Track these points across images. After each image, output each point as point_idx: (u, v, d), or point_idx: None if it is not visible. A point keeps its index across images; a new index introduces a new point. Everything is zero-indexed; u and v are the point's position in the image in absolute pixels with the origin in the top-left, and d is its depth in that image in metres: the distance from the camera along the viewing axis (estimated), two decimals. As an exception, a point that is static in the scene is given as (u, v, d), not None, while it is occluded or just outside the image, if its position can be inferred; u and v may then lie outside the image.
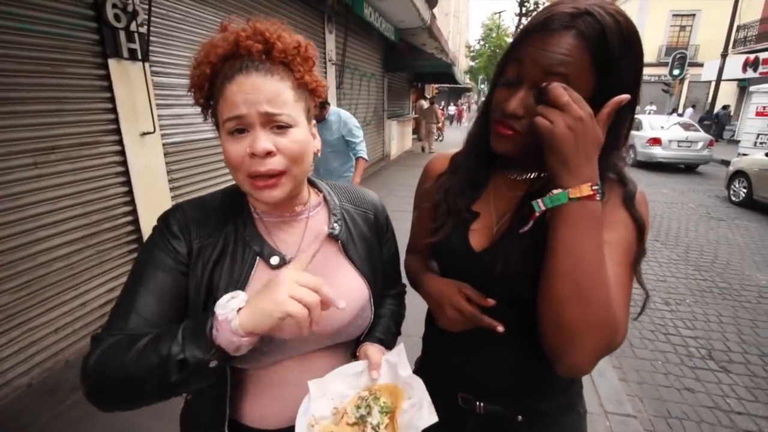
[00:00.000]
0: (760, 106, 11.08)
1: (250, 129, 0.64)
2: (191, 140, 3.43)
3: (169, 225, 0.71)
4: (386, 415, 0.68)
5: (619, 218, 0.68)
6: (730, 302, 3.59)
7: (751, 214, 6.46)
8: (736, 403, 2.37)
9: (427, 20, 8.53)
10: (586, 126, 0.58)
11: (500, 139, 0.70)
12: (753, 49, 15.92)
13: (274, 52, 0.66)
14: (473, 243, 0.78)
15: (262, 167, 0.64)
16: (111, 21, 2.52)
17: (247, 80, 0.63)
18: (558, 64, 0.61)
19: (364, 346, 0.80)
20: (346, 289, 0.77)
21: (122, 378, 0.57)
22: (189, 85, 0.70)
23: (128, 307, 0.64)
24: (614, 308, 0.60)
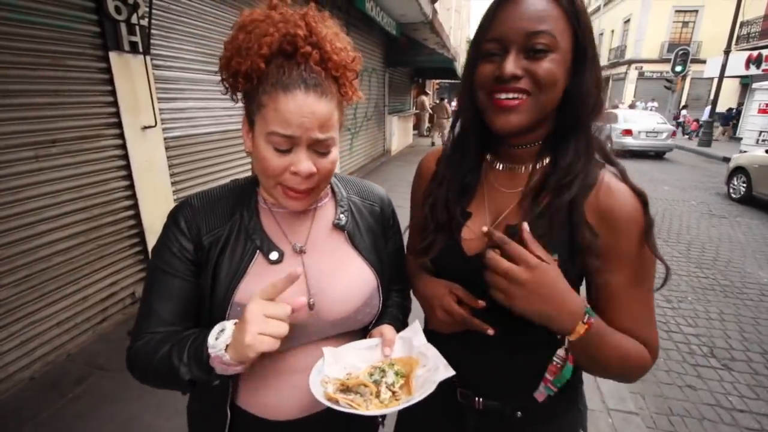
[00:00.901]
0: (763, 103, 11.05)
1: (293, 147, 0.65)
2: (193, 134, 3.41)
3: (178, 222, 0.73)
4: (401, 377, 0.68)
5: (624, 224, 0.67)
6: (731, 300, 3.59)
7: (753, 211, 6.46)
8: (738, 401, 2.37)
9: (428, 15, 8.48)
10: (540, 278, 0.61)
11: (506, 113, 0.67)
12: (756, 46, 15.84)
13: (330, 65, 0.66)
14: (466, 247, 0.77)
15: (301, 186, 0.68)
16: (112, 13, 2.50)
17: (306, 99, 0.63)
18: (539, 21, 0.64)
19: (377, 328, 0.80)
20: (353, 278, 0.79)
21: (151, 379, 0.70)
22: (229, 69, 0.66)
23: (148, 311, 0.72)
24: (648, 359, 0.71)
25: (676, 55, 14.82)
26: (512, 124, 0.68)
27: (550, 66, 0.65)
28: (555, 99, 0.68)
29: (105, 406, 2.11)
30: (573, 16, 0.65)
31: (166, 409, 2.06)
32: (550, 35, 0.64)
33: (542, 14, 0.64)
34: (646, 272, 0.70)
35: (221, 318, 0.69)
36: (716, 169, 10.41)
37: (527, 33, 0.64)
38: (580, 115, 0.69)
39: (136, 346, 0.71)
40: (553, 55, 0.65)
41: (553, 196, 0.70)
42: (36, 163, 2.25)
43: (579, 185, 0.69)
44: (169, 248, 0.72)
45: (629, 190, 0.69)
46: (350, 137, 7.86)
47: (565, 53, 0.66)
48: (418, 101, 15.62)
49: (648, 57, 24.53)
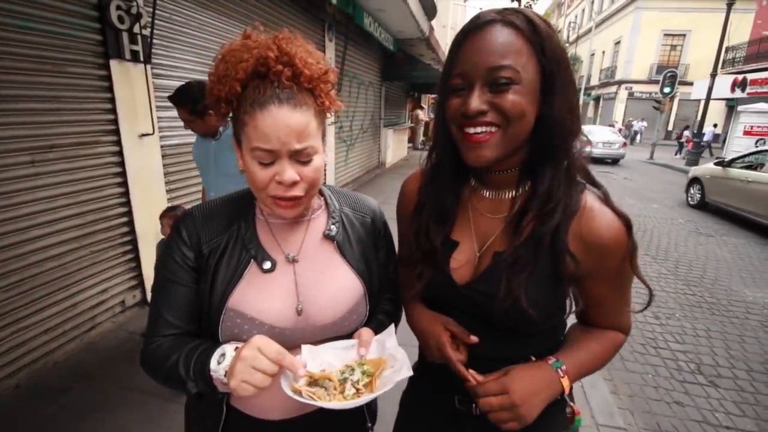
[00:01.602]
0: (748, 125, 11.36)
1: (276, 160, 0.70)
2: (190, 143, 3.40)
3: (180, 232, 0.79)
4: (367, 376, 0.72)
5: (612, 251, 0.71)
6: (718, 317, 3.65)
7: (739, 230, 6.59)
8: (724, 418, 2.40)
9: (425, 31, 8.64)
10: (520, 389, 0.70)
11: (477, 148, 0.69)
12: (741, 70, 16.35)
13: (302, 79, 0.71)
14: (456, 277, 0.79)
15: (286, 194, 0.71)
16: (114, 22, 2.54)
17: (279, 113, 0.67)
18: (500, 56, 0.63)
19: (357, 331, 0.84)
20: (340, 286, 0.83)
21: (161, 382, 0.76)
22: (212, 96, 0.73)
23: (157, 316, 0.78)
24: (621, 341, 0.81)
25: (665, 77, 15.21)
26: (484, 158, 0.69)
27: (514, 98, 0.64)
28: (525, 129, 0.68)
29: (91, 416, 2.08)
30: (537, 45, 0.65)
31: (154, 421, 2.03)
32: (511, 69, 0.63)
33: (503, 48, 0.64)
34: (629, 278, 0.76)
35: (217, 321, 0.75)
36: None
37: (488, 68, 0.64)
38: (554, 141, 0.69)
39: (148, 349, 0.76)
40: (516, 87, 0.64)
41: (537, 224, 0.71)
42: (32, 168, 2.25)
43: (561, 212, 0.70)
44: (173, 257, 0.78)
45: (613, 214, 0.71)
46: (346, 149, 7.91)
47: (531, 83, 0.65)
48: (414, 115, 15.81)
49: (637, 78, 25.16)
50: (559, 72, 0.66)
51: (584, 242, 0.71)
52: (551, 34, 0.66)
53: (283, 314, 0.77)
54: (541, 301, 0.71)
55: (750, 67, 15.94)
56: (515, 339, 0.79)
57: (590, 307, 0.79)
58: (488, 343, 0.78)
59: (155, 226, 3.06)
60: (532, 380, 0.72)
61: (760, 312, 3.77)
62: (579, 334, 0.83)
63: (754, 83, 14.68)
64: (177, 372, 0.71)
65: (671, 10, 23.45)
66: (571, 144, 0.71)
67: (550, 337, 0.84)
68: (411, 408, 1.01)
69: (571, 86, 0.69)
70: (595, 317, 0.82)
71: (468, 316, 0.79)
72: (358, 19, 6.37)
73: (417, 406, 0.76)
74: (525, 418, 0.69)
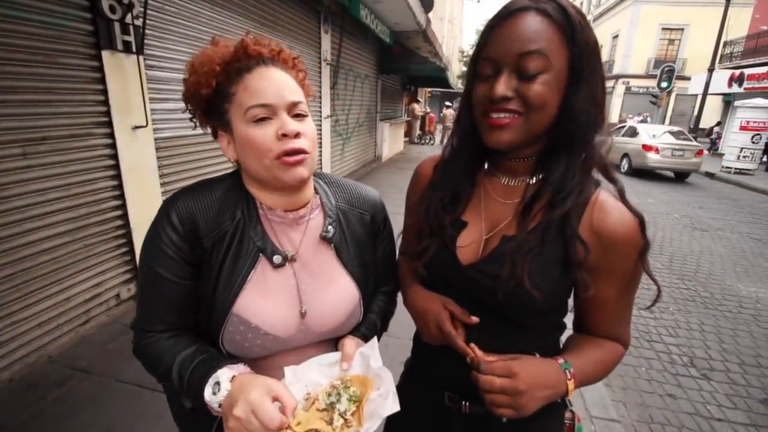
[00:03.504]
0: (744, 120, 11.39)
1: (273, 116, 0.70)
2: (184, 135, 3.39)
3: (170, 218, 0.71)
4: (354, 403, 0.71)
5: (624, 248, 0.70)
6: (711, 311, 3.68)
7: (734, 225, 6.63)
8: (716, 410, 2.43)
9: (422, 24, 8.58)
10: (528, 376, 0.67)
11: (497, 130, 0.69)
12: (738, 65, 16.37)
13: (282, 56, 0.75)
14: (461, 256, 0.78)
15: (294, 144, 0.70)
16: (106, 12, 2.49)
17: (268, 71, 0.70)
18: (531, 42, 0.64)
19: (343, 339, 0.83)
20: (340, 295, 0.82)
21: (157, 380, 0.75)
22: (187, 93, 0.74)
23: (149, 310, 0.75)
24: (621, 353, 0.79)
25: (662, 72, 15.20)
26: (503, 141, 0.69)
27: (540, 88, 0.65)
28: (547, 118, 0.69)
29: (86, 409, 2.07)
30: (569, 35, 0.65)
31: (149, 414, 2.03)
32: (542, 55, 0.64)
33: (535, 35, 0.64)
34: (635, 284, 0.75)
35: (220, 326, 0.72)
36: (699, 183, 10.68)
37: (519, 54, 0.64)
38: (575, 132, 0.69)
39: (142, 344, 0.75)
40: (545, 76, 0.65)
41: (546, 212, 0.71)
42: (24, 161, 2.22)
43: (573, 200, 0.70)
44: (162, 249, 0.70)
45: (626, 210, 0.71)
46: (342, 143, 7.88)
47: (559, 72, 0.66)
48: (410, 108, 15.75)
49: (635, 72, 25.11)
50: (588, 63, 0.67)
51: (595, 234, 0.70)
52: (583, 25, 0.66)
53: (287, 323, 0.76)
54: (546, 284, 0.70)
55: (747, 62, 15.95)
56: (516, 331, 0.78)
57: (591, 311, 0.77)
58: (487, 333, 0.77)
59: (149, 219, 3.04)
60: (540, 372, 0.69)
61: (753, 306, 3.81)
62: (581, 341, 0.80)
63: (751, 78, 14.71)
64: (171, 380, 0.70)
65: (670, 4, 23.37)
66: (591, 137, 0.71)
67: (552, 333, 0.83)
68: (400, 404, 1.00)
69: (598, 79, 0.69)
70: (595, 323, 0.79)
71: (469, 302, 0.78)
72: (354, 10, 6.31)
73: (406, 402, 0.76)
74: (523, 409, 0.67)
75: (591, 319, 0.79)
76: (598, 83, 0.69)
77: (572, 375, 0.71)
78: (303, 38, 5.65)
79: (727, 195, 9.31)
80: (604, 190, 0.74)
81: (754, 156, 11.36)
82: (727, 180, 11.03)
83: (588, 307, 0.77)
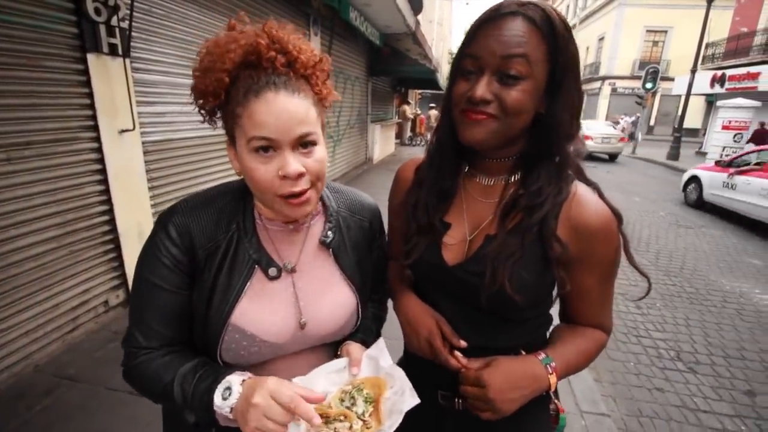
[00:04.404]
0: (726, 120, 11.64)
1: (277, 149, 0.64)
2: (172, 138, 3.36)
3: (168, 231, 0.70)
4: (370, 404, 0.70)
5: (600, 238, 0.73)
6: (697, 306, 3.76)
7: (717, 222, 6.77)
8: (702, 402, 2.48)
9: (412, 26, 8.62)
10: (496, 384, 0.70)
11: (472, 126, 0.70)
12: (720, 66, 16.75)
13: (297, 65, 0.67)
14: (446, 257, 0.79)
15: (295, 188, 0.65)
16: (91, 15, 2.46)
17: (276, 99, 0.63)
18: (515, 46, 0.65)
19: (346, 345, 0.83)
20: (338, 300, 0.81)
21: (152, 400, 0.72)
22: (195, 90, 0.68)
23: (142, 325, 0.71)
24: (604, 340, 0.82)
25: (647, 73, 15.50)
26: (477, 137, 0.70)
27: (518, 95, 0.66)
28: (521, 123, 0.70)
29: (74, 418, 2.04)
30: (552, 45, 0.66)
31: (140, 422, 2.01)
32: (525, 60, 0.65)
33: (520, 39, 0.65)
34: (614, 272, 0.78)
35: (217, 338, 0.70)
36: (684, 181, 10.86)
37: (502, 56, 0.65)
38: (551, 140, 0.72)
39: (133, 364, 0.70)
40: (525, 83, 0.66)
41: (525, 215, 0.73)
42: (8, 166, 2.19)
43: (550, 203, 0.72)
44: (161, 260, 0.69)
45: (602, 203, 0.74)
46: (333, 145, 7.87)
47: (539, 81, 0.67)
48: (401, 110, 15.79)
49: (620, 74, 25.53)
50: (568, 74, 0.68)
51: (573, 227, 0.72)
52: (567, 37, 0.67)
53: (284, 331, 0.74)
54: (528, 286, 0.72)
55: (728, 63, 16.34)
56: (503, 327, 0.80)
57: (574, 300, 0.80)
58: (476, 331, 0.79)
59: (138, 224, 3.01)
60: (512, 375, 0.72)
61: (737, 301, 3.90)
62: (564, 332, 0.83)
63: (732, 79, 15.04)
64: (171, 396, 0.67)
65: (653, 6, 23.84)
66: (567, 143, 0.73)
67: (539, 327, 0.85)
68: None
69: (576, 91, 0.71)
70: (578, 312, 0.82)
71: (456, 302, 0.80)
72: (344, 13, 6.32)
73: None
74: (500, 411, 0.70)
75: (574, 308, 0.82)
76: (575, 93, 0.71)
77: (553, 369, 0.73)
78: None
79: (711, 193, 9.48)
80: (581, 185, 0.76)
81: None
82: (711, 178, 11.24)
83: (571, 296, 0.79)
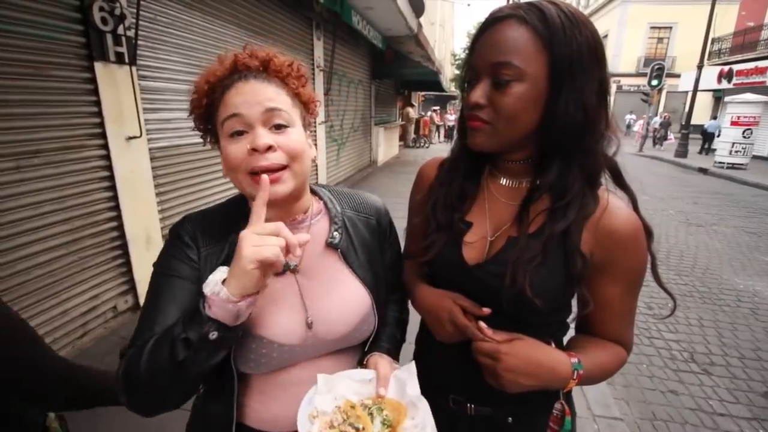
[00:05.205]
0: (735, 115, 11.50)
1: (249, 130, 0.67)
2: (178, 145, 3.39)
3: (180, 236, 0.73)
4: (387, 428, 0.67)
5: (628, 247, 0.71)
6: (710, 306, 3.69)
7: (728, 220, 6.68)
8: (718, 405, 2.43)
9: (414, 29, 8.63)
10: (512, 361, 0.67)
11: (471, 132, 0.72)
12: (727, 61, 16.57)
13: (271, 67, 0.71)
14: (466, 256, 0.78)
15: (263, 162, 0.66)
16: (98, 24, 2.49)
17: (246, 85, 0.67)
18: (503, 52, 0.65)
19: (374, 358, 0.80)
20: (348, 298, 0.78)
21: (143, 378, 0.60)
22: (190, 110, 0.74)
23: (152, 318, 0.66)
24: (624, 356, 0.78)
25: (652, 70, 15.35)
26: (478, 144, 0.72)
27: (510, 100, 0.66)
28: (523, 126, 0.69)
29: (83, 423, 2.03)
30: (547, 39, 0.64)
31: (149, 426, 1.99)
32: (513, 66, 0.64)
33: (509, 44, 0.65)
34: (639, 284, 0.75)
35: None
36: (692, 179, 10.76)
37: (491, 64, 0.66)
38: (560, 137, 0.69)
39: (132, 351, 0.63)
40: (518, 85, 0.65)
41: (548, 220, 0.71)
42: (17, 174, 2.21)
43: (575, 212, 0.69)
44: (175, 257, 0.71)
45: (635, 215, 0.72)
46: (337, 148, 7.89)
47: (537, 79, 0.65)
48: (404, 113, 15.81)
49: (625, 71, 25.34)
50: (572, 68, 0.64)
51: (602, 235, 0.71)
52: (568, 28, 0.64)
53: (292, 330, 0.72)
54: (549, 290, 0.71)
55: (736, 58, 16.15)
56: (520, 329, 0.77)
57: (595, 311, 0.76)
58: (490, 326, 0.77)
59: (145, 229, 3.03)
60: (530, 362, 0.68)
61: (751, 300, 3.83)
62: (587, 343, 0.79)
63: (740, 74, 14.89)
64: (164, 336, 0.60)
65: (657, 3, 23.67)
66: (590, 143, 0.69)
67: (555, 332, 0.83)
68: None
69: (589, 83, 0.66)
70: (599, 324, 0.78)
71: (476, 303, 0.78)
72: (346, 17, 6.35)
73: None
74: (503, 387, 0.69)
75: (595, 319, 0.78)
76: (588, 88, 0.66)
77: (579, 376, 0.70)
78: (296, 45, 5.66)
79: (720, 190, 9.38)
80: (613, 195, 0.74)
81: (745, 151, 11.47)
82: (720, 175, 11.12)
83: (587, 312, 0.76)
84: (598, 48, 0.67)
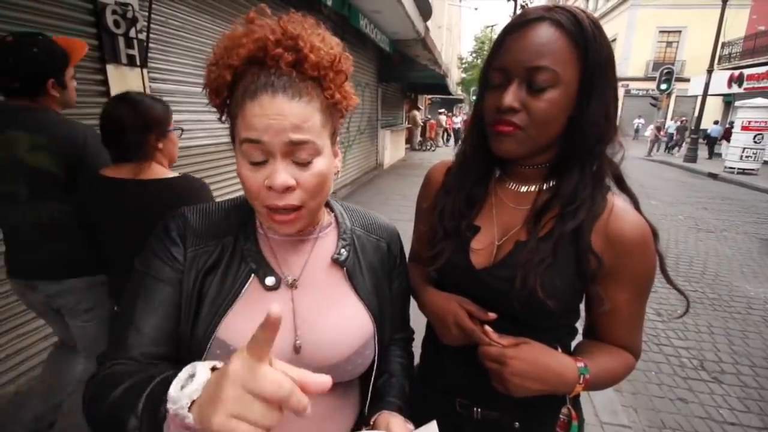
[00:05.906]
0: (746, 120, 11.37)
1: (269, 158, 0.58)
2: (188, 146, 3.40)
3: (169, 231, 0.67)
4: None
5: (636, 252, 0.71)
6: (720, 313, 3.64)
7: (739, 226, 6.59)
8: (728, 414, 2.40)
9: (421, 32, 8.65)
10: (506, 381, 0.68)
11: (502, 138, 0.70)
12: (737, 65, 16.42)
13: (306, 66, 0.59)
14: (474, 260, 0.78)
15: (279, 201, 0.60)
16: (110, 27, 2.53)
17: (272, 103, 0.56)
18: (542, 55, 0.64)
19: (384, 416, 0.71)
20: (348, 322, 0.70)
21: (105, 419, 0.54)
22: (204, 83, 0.65)
23: (127, 324, 0.61)
24: (632, 363, 0.78)
25: (661, 74, 15.23)
26: (507, 150, 0.71)
27: (545, 105, 0.66)
28: (553, 131, 0.69)
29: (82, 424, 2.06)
30: (582, 48, 0.64)
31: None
32: (550, 71, 0.64)
33: (545, 48, 0.64)
34: (648, 289, 0.75)
35: (198, 355, 0.61)
36: (702, 184, 10.64)
37: (527, 68, 0.65)
38: (584, 144, 0.70)
39: (98, 376, 0.57)
40: (553, 92, 0.65)
41: (557, 222, 0.71)
42: (29, 175, 2.24)
43: (585, 212, 0.70)
44: (158, 255, 0.65)
45: (640, 217, 0.73)
46: (343, 151, 7.91)
47: (570, 85, 0.66)
48: (411, 116, 15.83)
49: (634, 75, 25.17)
50: (600, 76, 0.66)
51: (609, 239, 0.71)
52: (598, 37, 0.65)
53: (275, 354, 0.62)
54: (560, 292, 0.70)
55: (746, 63, 16.00)
56: (527, 334, 0.77)
57: (604, 316, 0.77)
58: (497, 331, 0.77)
59: (154, 230, 3.05)
60: (537, 367, 0.68)
61: (762, 307, 3.77)
62: (595, 348, 0.79)
63: (750, 78, 14.74)
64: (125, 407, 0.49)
65: (666, 7, 23.49)
66: (602, 149, 0.71)
67: (563, 337, 0.83)
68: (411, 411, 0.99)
69: (611, 91, 0.69)
70: (607, 329, 0.78)
71: (480, 306, 0.78)
72: (354, 20, 6.38)
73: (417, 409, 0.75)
74: (510, 392, 0.69)
75: (603, 325, 0.78)
76: (610, 96, 0.69)
77: (585, 380, 0.70)
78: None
79: (730, 195, 9.27)
80: (618, 197, 0.75)
81: (756, 156, 11.33)
82: (731, 180, 10.99)
83: (601, 312, 0.76)
84: (613, 56, 0.69)
